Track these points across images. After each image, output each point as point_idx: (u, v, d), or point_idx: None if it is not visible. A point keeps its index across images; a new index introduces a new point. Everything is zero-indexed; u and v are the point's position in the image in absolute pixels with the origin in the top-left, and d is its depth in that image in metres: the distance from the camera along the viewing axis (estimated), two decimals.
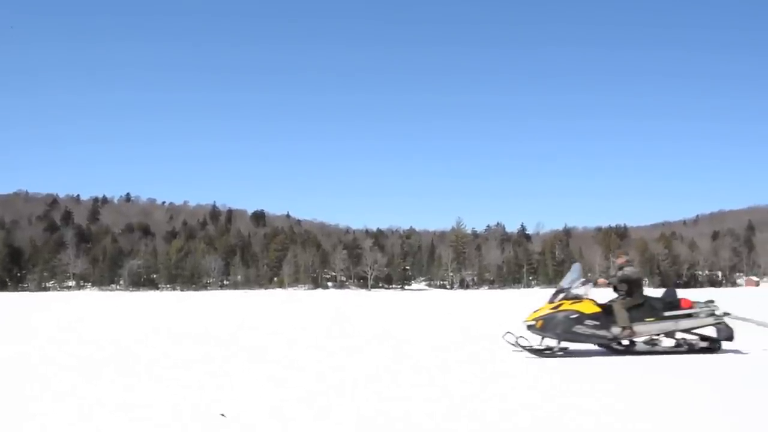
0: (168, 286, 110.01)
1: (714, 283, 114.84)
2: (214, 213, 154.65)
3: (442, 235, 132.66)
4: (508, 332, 8.57)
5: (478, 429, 4.41)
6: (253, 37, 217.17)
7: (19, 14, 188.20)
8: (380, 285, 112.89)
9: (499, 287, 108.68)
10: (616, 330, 8.08)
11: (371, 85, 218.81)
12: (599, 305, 8.26)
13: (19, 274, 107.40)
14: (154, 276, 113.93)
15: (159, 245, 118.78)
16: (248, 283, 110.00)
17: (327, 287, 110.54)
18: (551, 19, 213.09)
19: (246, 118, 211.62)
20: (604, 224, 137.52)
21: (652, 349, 8.23)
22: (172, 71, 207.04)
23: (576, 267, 8.68)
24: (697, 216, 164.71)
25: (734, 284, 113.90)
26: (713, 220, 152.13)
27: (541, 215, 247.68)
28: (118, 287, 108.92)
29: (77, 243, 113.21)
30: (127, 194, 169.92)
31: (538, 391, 5.79)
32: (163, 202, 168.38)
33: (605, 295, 8.73)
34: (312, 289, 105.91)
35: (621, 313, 8.08)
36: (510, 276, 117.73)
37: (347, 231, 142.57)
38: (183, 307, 28.72)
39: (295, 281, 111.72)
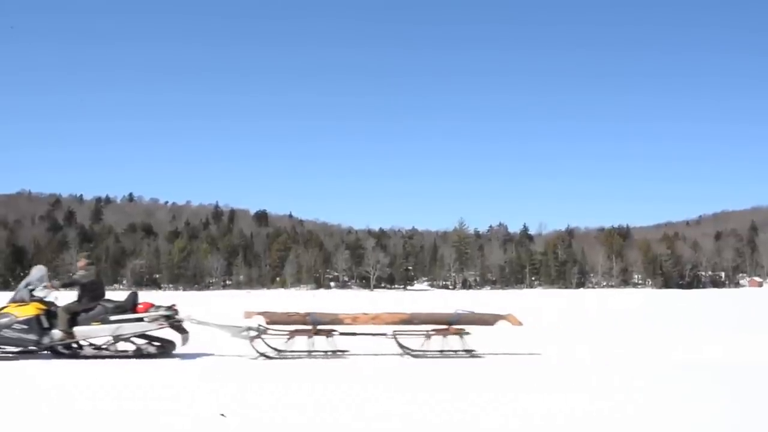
0: (170, 285, 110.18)
1: (717, 283, 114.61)
2: (217, 213, 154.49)
3: (445, 235, 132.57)
4: None
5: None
6: (257, 37, 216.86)
7: (19, 14, 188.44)
8: (383, 285, 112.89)
9: (502, 288, 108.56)
10: (57, 334, 8.04)
11: (373, 85, 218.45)
12: (49, 309, 8.21)
13: (22, 274, 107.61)
14: (157, 276, 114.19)
15: (162, 245, 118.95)
16: (250, 283, 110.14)
17: (329, 287, 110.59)
18: (555, 19, 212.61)
19: (249, 118, 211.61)
20: (607, 224, 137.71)
21: (99, 353, 8.23)
22: (175, 71, 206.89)
23: (39, 268, 8.65)
24: (700, 216, 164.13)
25: (737, 285, 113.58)
26: (716, 221, 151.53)
27: (543, 215, 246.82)
28: (120, 287, 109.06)
29: (80, 243, 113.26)
30: (130, 194, 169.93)
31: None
32: (166, 202, 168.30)
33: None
34: (314, 289, 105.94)
35: (62, 317, 8.10)
36: (512, 276, 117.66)
37: (350, 231, 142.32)
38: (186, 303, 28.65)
39: (297, 281, 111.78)
